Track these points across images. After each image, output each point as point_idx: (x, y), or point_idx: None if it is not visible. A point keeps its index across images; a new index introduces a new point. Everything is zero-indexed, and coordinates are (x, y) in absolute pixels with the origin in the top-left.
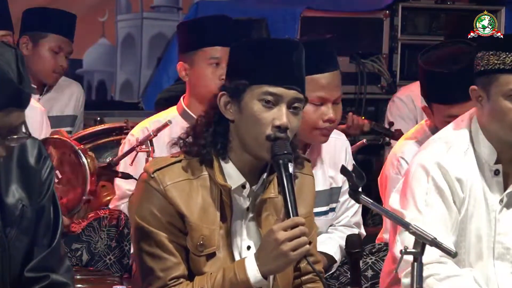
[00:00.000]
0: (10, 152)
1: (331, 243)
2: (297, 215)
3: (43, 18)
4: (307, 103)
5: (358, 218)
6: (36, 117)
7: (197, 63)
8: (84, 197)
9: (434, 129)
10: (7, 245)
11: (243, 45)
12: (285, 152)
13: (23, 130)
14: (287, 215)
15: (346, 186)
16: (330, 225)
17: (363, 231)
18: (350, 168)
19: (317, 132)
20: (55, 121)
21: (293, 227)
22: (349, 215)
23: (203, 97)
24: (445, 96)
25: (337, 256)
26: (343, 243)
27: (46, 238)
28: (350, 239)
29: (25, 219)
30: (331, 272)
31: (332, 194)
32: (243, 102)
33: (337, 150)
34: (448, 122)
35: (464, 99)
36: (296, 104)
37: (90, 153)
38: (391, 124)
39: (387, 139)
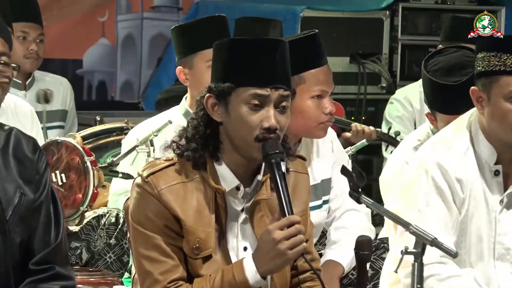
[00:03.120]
0: (4, 90)
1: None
2: (292, 213)
3: None
4: (309, 99)
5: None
6: (26, 116)
7: (196, 67)
8: (81, 208)
9: (437, 131)
10: (8, 230)
11: (226, 46)
12: (277, 151)
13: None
14: (283, 214)
15: (335, 176)
16: (333, 217)
17: (367, 210)
18: (337, 153)
19: (320, 126)
20: (43, 116)
21: (289, 225)
22: (345, 199)
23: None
24: (449, 107)
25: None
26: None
27: (47, 234)
28: (360, 240)
29: (23, 207)
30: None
31: (323, 187)
32: (230, 105)
33: (323, 142)
34: None
35: (467, 109)
36: (283, 103)
37: (98, 167)
38: (397, 133)
39: (392, 148)
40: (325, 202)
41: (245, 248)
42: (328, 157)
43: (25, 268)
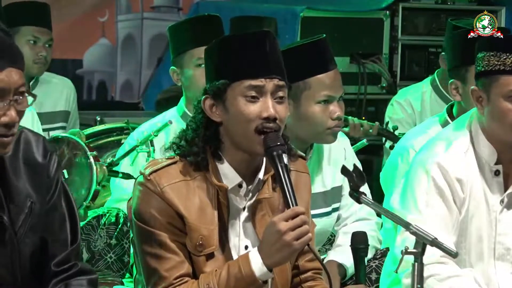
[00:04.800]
0: (21, 117)
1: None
2: (296, 204)
3: (12, 13)
4: (315, 104)
5: (368, 208)
6: (27, 117)
7: (186, 66)
8: (84, 203)
9: (444, 123)
10: (17, 242)
11: (216, 45)
12: (278, 143)
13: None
14: (287, 206)
15: (347, 184)
16: (344, 225)
17: (378, 220)
18: (349, 161)
19: (328, 132)
20: (47, 117)
21: (294, 216)
22: (356, 209)
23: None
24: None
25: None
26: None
27: (64, 234)
28: (355, 235)
29: (33, 216)
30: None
31: (333, 194)
32: (227, 102)
33: (335, 150)
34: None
35: None
36: (280, 93)
37: (100, 163)
38: (395, 127)
39: (391, 143)
40: (335, 209)
41: (246, 247)
42: (340, 165)
43: (36, 277)
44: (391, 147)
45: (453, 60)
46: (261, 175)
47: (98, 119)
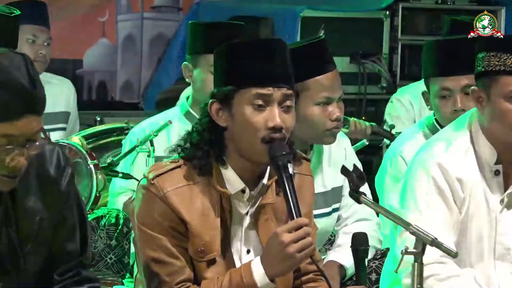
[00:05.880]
0: (30, 160)
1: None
2: (300, 216)
3: None
4: (314, 106)
5: (368, 208)
6: None
7: (201, 68)
8: None
9: (432, 126)
10: (23, 261)
11: (225, 50)
12: (283, 152)
13: (41, 135)
14: (290, 217)
15: (346, 184)
16: (344, 225)
17: (378, 220)
18: (350, 161)
19: (327, 133)
20: (47, 118)
21: (297, 228)
22: (357, 209)
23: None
24: (441, 67)
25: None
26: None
27: (72, 245)
28: (356, 236)
29: (41, 232)
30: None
31: (334, 195)
32: (234, 108)
33: (336, 150)
34: (443, 99)
35: (459, 72)
36: (287, 102)
37: (101, 171)
38: (392, 127)
39: (388, 142)
40: (335, 210)
41: (248, 251)
42: (340, 165)
43: (49, 277)
44: (388, 146)
45: (423, 72)
46: (265, 180)
47: (98, 119)
